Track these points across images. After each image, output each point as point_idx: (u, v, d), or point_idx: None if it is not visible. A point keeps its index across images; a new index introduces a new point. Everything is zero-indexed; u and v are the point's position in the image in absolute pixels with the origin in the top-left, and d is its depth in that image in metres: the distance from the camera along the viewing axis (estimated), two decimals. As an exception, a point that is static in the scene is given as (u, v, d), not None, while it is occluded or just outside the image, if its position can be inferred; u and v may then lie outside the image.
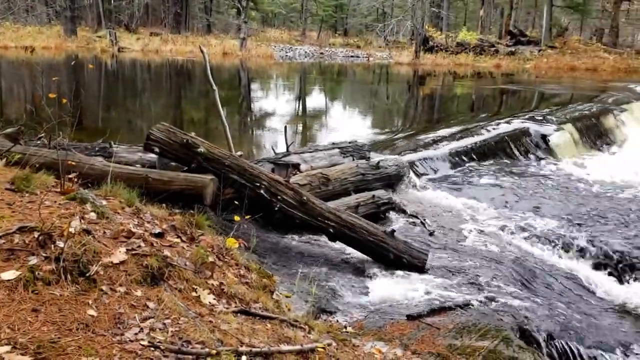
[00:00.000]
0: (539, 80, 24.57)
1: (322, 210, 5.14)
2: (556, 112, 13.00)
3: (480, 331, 4.09)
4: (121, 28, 38.19)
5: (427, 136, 10.29)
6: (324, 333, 3.34)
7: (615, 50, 32.63)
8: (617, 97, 16.01)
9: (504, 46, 33.56)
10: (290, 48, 35.51)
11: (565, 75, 26.52)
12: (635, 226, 6.93)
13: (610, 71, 28.04)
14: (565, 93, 19.45)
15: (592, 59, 30.21)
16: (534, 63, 30.17)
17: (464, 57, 31.56)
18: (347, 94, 21.85)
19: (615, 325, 4.86)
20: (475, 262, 5.60)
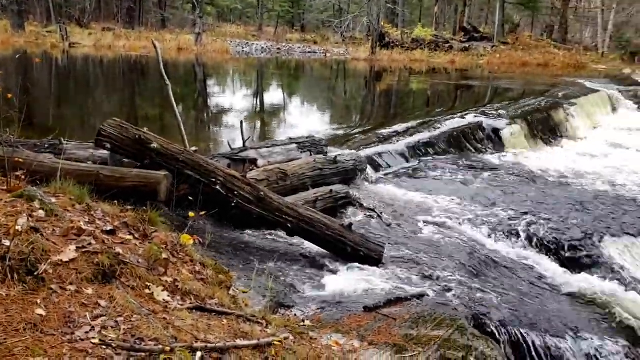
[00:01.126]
0: (493, 76, 25.12)
1: (279, 205, 5.13)
2: (508, 106, 13.32)
3: (436, 321, 4.16)
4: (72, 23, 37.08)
5: (384, 131, 10.38)
6: (282, 327, 3.33)
7: (564, 47, 33.64)
8: (567, 91, 16.53)
9: (458, 42, 34.15)
10: (247, 43, 35.21)
11: (517, 71, 27.18)
12: (583, 215, 7.16)
13: (561, 66, 28.89)
14: (517, 88, 19.94)
15: (543, 55, 31.07)
16: (487, 59, 30.82)
17: (420, 53, 31.97)
18: (305, 90, 21.85)
19: (565, 312, 5.02)
20: (431, 253, 5.69)
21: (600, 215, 7.25)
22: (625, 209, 7.63)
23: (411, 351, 3.59)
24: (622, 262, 6.04)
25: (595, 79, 21.68)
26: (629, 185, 8.88)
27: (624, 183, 8.96)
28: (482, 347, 3.93)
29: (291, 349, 2.96)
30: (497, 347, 4.12)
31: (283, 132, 11.56)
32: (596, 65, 29.26)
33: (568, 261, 6.03)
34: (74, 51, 28.05)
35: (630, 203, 7.92)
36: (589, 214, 7.27)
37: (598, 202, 7.86)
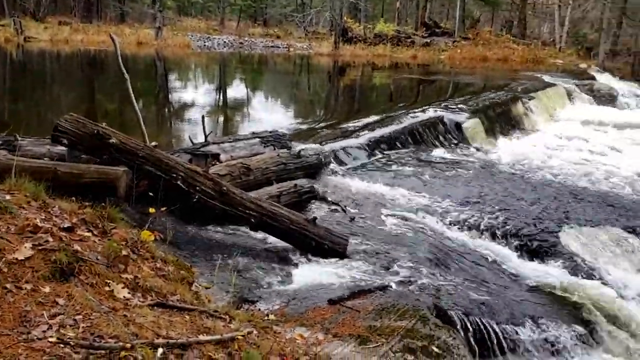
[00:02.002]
0: (454, 71, 25.45)
1: (242, 200, 5.09)
2: (469, 100, 13.52)
3: (399, 312, 4.20)
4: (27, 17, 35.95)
5: (348, 125, 10.43)
6: (245, 322, 3.32)
7: (523, 42, 34.27)
8: (525, 85, 16.85)
9: (419, 37, 34.46)
10: (209, 38, 34.76)
11: (478, 66, 27.60)
12: (541, 206, 7.35)
13: (520, 61, 29.43)
14: (478, 82, 20.26)
15: (503, 50, 31.58)
16: (448, 54, 31.19)
17: (382, 48, 32.13)
18: (269, 85, 21.75)
19: (525, 300, 5.14)
20: (394, 245, 5.75)
21: (558, 205, 7.45)
22: (581, 199, 7.86)
23: (375, 342, 3.63)
24: (578, 251, 6.21)
25: (553, 74, 22.16)
26: (585, 176, 9.14)
27: (580, 174, 9.21)
28: (444, 336, 4.00)
29: (255, 343, 2.95)
30: (458, 336, 4.19)
31: (247, 127, 11.50)
32: (554, 60, 29.90)
33: (527, 251, 6.17)
34: (30, 45, 27.23)
35: (586, 193, 8.16)
36: (547, 204, 7.46)
37: (555, 193, 8.07)
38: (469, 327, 4.45)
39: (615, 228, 6.79)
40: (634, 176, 9.36)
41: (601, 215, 7.20)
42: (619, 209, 7.57)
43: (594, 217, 7.10)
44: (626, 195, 8.27)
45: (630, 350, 4.83)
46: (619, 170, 9.66)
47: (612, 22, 30.56)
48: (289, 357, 2.96)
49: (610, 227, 6.80)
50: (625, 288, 5.65)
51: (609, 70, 25.92)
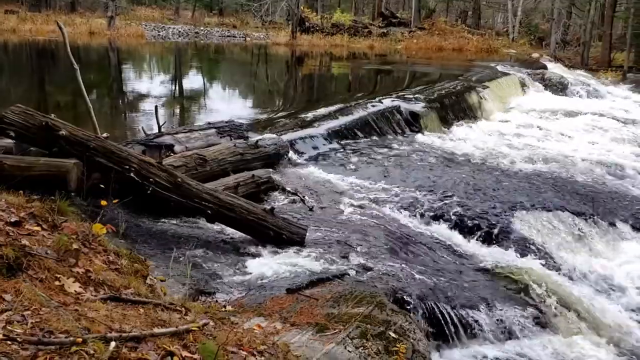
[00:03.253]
0: (410, 61, 25.70)
1: (198, 191, 5.03)
2: (425, 90, 13.67)
3: (356, 298, 4.24)
4: (-30, 5, 34.50)
5: (307, 115, 10.40)
6: (202, 314, 3.29)
7: (477, 32, 34.90)
8: (480, 75, 17.15)
9: (376, 27, 34.64)
10: (163, 27, 34.06)
11: (434, 56, 27.94)
12: (494, 192, 7.51)
13: (474, 51, 29.95)
14: (434, 72, 20.51)
15: (458, 40, 32.07)
16: (405, 44, 31.46)
17: (340, 38, 32.18)
18: (226, 75, 21.50)
19: (479, 284, 5.26)
20: (352, 234, 5.78)
21: (510, 191, 7.64)
22: (532, 184, 8.07)
23: (333, 329, 3.65)
24: (530, 235, 6.39)
25: (506, 63, 22.63)
26: (537, 162, 9.38)
27: (532, 160, 9.46)
28: (401, 321, 4.05)
29: (211, 335, 2.92)
30: (415, 321, 4.26)
31: (203, 118, 11.33)
32: (507, 49, 30.53)
33: (480, 236, 6.30)
34: (-26, 35, 26.16)
35: (537, 179, 8.38)
36: (500, 190, 7.64)
37: (508, 178, 8.27)
38: (425, 311, 4.54)
39: (566, 212, 7.00)
40: (584, 162, 9.67)
41: (552, 200, 7.41)
42: (569, 194, 7.81)
43: (545, 202, 7.30)
44: (576, 181, 8.54)
45: (580, 330, 5.00)
46: (570, 156, 9.96)
47: (563, 12, 31.36)
48: (246, 347, 2.95)
49: (561, 212, 7.01)
50: (575, 270, 5.84)
51: (559, 60, 26.66)
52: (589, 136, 12.15)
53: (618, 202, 7.77)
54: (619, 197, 8.01)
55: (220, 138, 7.09)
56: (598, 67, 25.76)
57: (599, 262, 6.19)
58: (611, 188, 8.44)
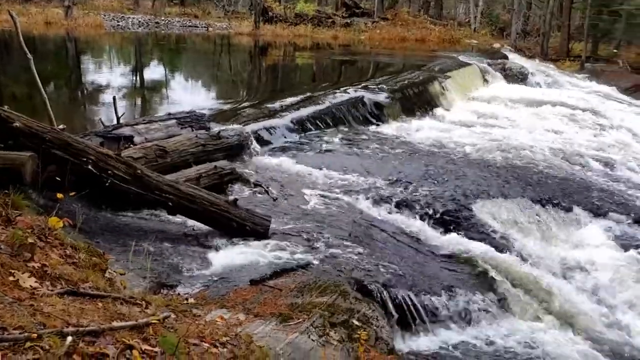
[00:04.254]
0: (374, 51, 25.77)
1: (158, 183, 4.95)
2: (389, 80, 13.73)
3: (320, 288, 4.26)
4: None
5: (271, 105, 10.33)
6: (163, 307, 3.25)
7: (440, 22, 35.18)
8: (442, 65, 17.30)
9: (340, 18, 34.58)
10: (123, 17, 33.24)
11: (397, 46, 28.06)
12: (456, 181, 7.61)
13: (437, 41, 30.17)
14: (397, 62, 20.62)
15: (421, 30, 32.26)
16: (368, 34, 31.51)
17: (303, 28, 32.02)
18: (188, 65, 21.17)
19: (441, 272, 5.35)
20: (317, 224, 5.79)
21: (472, 179, 7.75)
22: (494, 173, 8.22)
23: (296, 319, 3.66)
24: (490, 222, 6.51)
25: (468, 53, 22.90)
26: (498, 151, 9.54)
27: (493, 149, 9.61)
28: (364, 309, 4.10)
29: (172, 327, 2.90)
30: (378, 308, 4.31)
31: (165, 109, 11.12)
32: (469, 40, 30.87)
33: (442, 224, 6.39)
34: None
35: (498, 167, 8.55)
36: (462, 179, 7.75)
37: (470, 167, 8.39)
38: (388, 299, 4.58)
39: (525, 199, 7.16)
40: (543, 150, 9.89)
41: (512, 188, 7.56)
42: (528, 181, 7.98)
43: (505, 189, 7.45)
44: (534, 168, 8.72)
45: (539, 314, 5.13)
46: (529, 144, 10.16)
47: (523, 3, 31.88)
48: (208, 339, 2.93)
49: (520, 199, 7.16)
50: (534, 255, 5.98)
51: (520, 50, 27.13)
52: (548, 125, 12.40)
53: (575, 189, 7.98)
54: (576, 184, 8.23)
55: (181, 129, 6.98)
56: (557, 57, 26.29)
57: (557, 247, 6.37)
58: (569, 175, 8.66)
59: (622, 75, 21.51)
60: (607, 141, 11.32)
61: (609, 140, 11.47)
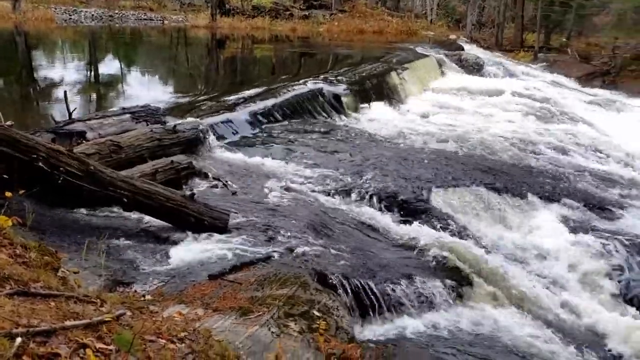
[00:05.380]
0: (333, 43, 25.79)
1: (113, 179, 4.85)
2: (348, 72, 13.77)
3: (281, 280, 4.25)
4: None
5: (229, 98, 10.23)
6: (118, 304, 3.20)
7: (397, 14, 35.46)
8: (400, 57, 17.45)
9: (298, 10, 34.49)
10: (75, 10, 32.34)
11: (355, 38, 28.16)
12: (413, 171, 7.72)
13: (394, 33, 30.40)
14: (356, 54, 20.68)
15: (378, 22, 32.45)
16: (326, 27, 31.53)
17: (261, 20, 31.81)
18: (144, 59, 20.78)
19: (400, 260, 5.41)
20: (277, 217, 5.78)
21: (429, 169, 7.87)
22: (450, 162, 8.36)
23: (256, 312, 3.64)
24: (447, 210, 6.62)
25: (425, 45, 23.15)
26: (455, 141, 9.70)
27: (450, 139, 9.76)
28: (325, 299, 4.11)
29: (128, 324, 2.85)
30: (338, 298, 4.33)
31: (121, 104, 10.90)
32: (426, 32, 31.20)
33: (401, 213, 6.47)
34: None
35: (454, 157, 8.70)
36: (420, 168, 7.86)
37: (427, 157, 8.51)
38: (349, 289, 4.61)
39: (480, 187, 7.30)
40: (499, 139, 10.10)
41: (468, 176, 7.70)
42: (484, 170, 8.14)
43: (461, 178, 7.58)
44: (490, 157, 8.92)
45: (495, 299, 5.24)
46: (485, 134, 10.37)
47: (478, -6, 32.39)
48: (165, 335, 2.89)
49: (476, 187, 7.30)
50: (490, 242, 6.11)
51: (475, 41, 27.58)
52: (503, 114, 12.68)
53: (529, 176, 8.19)
54: (530, 171, 8.45)
55: (136, 123, 6.84)
56: (511, 47, 26.85)
57: (511, 233, 6.52)
58: (523, 163, 8.88)
59: (573, 65, 22.14)
60: (560, 129, 11.64)
61: (561, 128, 11.81)
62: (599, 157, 9.97)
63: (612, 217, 7.26)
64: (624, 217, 7.27)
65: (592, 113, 15.13)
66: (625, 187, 8.46)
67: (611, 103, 17.44)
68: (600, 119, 14.30)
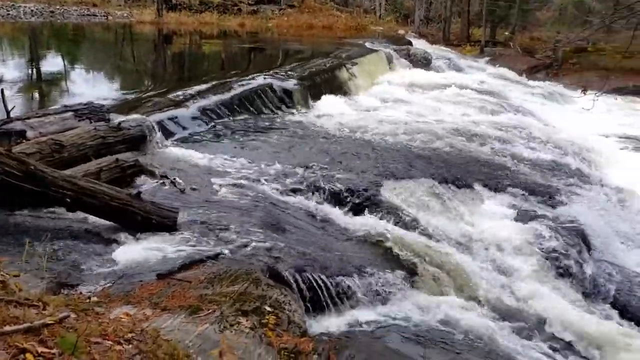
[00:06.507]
0: (282, 39, 25.70)
1: (55, 179, 4.68)
2: (298, 67, 13.74)
3: (232, 277, 4.21)
4: None
5: (177, 94, 10.01)
6: (62, 307, 3.10)
7: (346, 9, 35.67)
8: (349, 52, 17.53)
9: (246, 5, 34.22)
10: (13, 6, 31.11)
11: (305, 33, 28.16)
12: (365, 164, 7.78)
13: (343, 28, 30.57)
14: (305, 50, 20.67)
15: (328, 18, 32.58)
16: (276, 22, 31.42)
17: (209, 16, 31.42)
18: (88, 56, 20.18)
19: (352, 253, 5.45)
20: (227, 214, 5.72)
21: (380, 162, 7.95)
22: (400, 155, 8.47)
23: (206, 310, 3.60)
24: (397, 203, 6.70)
25: (374, 40, 23.34)
26: (404, 134, 9.81)
27: (400, 133, 9.87)
28: (276, 295, 4.09)
29: (72, 327, 2.77)
30: (290, 293, 4.32)
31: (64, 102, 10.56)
32: (375, 27, 31.51)
33: (352, 206, 6.51)
34: None
35: (404, 150, 8.81)
36: (370, 162, 7.93)
37: (378, 151, 8.60)
38: (301, 283, 4.61)
39: (429, 179, 7.42)
40: (447, 132, 10.29)
41: (417, 169, 7.82)
42: (432, 162, 8.29)
43: (411, 171, 7.69)
44: (438, 149, 9.08)
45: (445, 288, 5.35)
46: (434, 127, 10.54)
47: (425, -10, 32.89)
48: (112, 336, 2.83)
49: (425, 179, 7.42)
50: (439, 232, 6.22)
51: (423, 36, 28.05)
52: (450, 107, 12.92)
53: (476, 167, 8.38)
54: (477, 162, 8.64)
55: (79, 121, 6.62)
56: (458, 42, 27.41)
57: (460, 223, 6.66)
58: (470, 154, 9.08)
59: (517, 58, 22.79)
60: (506, 121, 11.95)
61: (506, 119, 12.13)
62: (542, 147, 10.29)
63: (555, 204, 7.51)
64: (566, 204, 7.54)
65: (535, 105, 15.62)
66: (567, 175, 8.78)
67: (554, 95, 18.07)
68: (543, 110, 14.80)
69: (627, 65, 18.00)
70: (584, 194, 8.10)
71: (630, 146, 12.27)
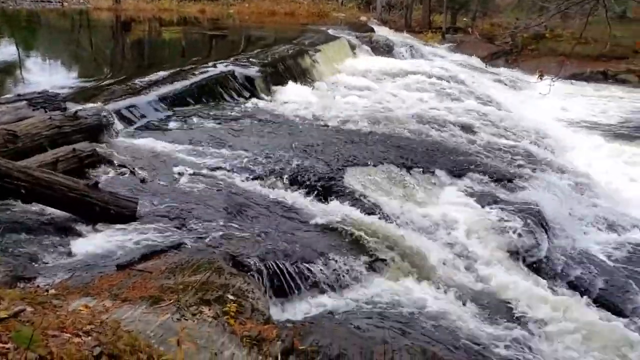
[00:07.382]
0: (244, 25, 25.42)
1: (8, 170, 4.55)
2: (260, 54, 13.62)
3: (194, 267, 4.18)
4: None
5: (136, 82, 9.82)
6: (18, 300, 3.02)
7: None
8: (312, 39, 17.45)
9: (207, -9, 33.64)
10: (-38, -9, 29.97)
11: (266, 20, 27.89)
12: (327, 151, 7.79)
13: (306, 15, 30.35)
14: (268, 36, 20.48)
15: (290, 4, 32.28)
16: (237, 8, 31.03)
17: (168, 2, 30.82)
18: (43, 43, 19.58)
19: (316, 240, 5.46)
20: (189, 203, 5.67)
21: (342, 149, 7.97)
22: (363, 142, 8.51)
23: (168, 300, 3.56)
24: (360, 189, 6.73)
25: (337, 27, 23.28)
26: (367, 121, 9.84)
27: (363, 119, 9.90)
28: (239, 283, 4.08)
29: (29, 320, 2.72)
30: (254, 281, 4.31)
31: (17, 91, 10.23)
32: (337, 13, 31.41)
33: (315, 194, 6.50)
34: None
35: (367, 136, 8.86)
36: (333, 149, 7.94)
37: (340, 137, 8.62)
38: (265, 271, 4.61)
39: (391, 165, 7.49)
40: (409, 118, 10.37)
41: (380, 155, 7.86)
42: (395, 148, 8.34)
43: (373, 157, 7.72)
44: (400, 136, 9.15)
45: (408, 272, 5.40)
46: (396, 113, 10.61)
47: (387, -24, 32.89)
48: (70, 328, 2.77)
49: (387, 165, 7.48)
50: (400, 218, 6.28)
51: (386, 23, 28.08)
52: (412, 94, 13.00)
53: (437, 153, 8.48)
54: (438, 148, 8.74)
55: (33, 111, 6.43)
56: (420, 29, 27.51)
57: (421, 208, 6.75)
58: (431, 140, 9.18)
59: (478, 45, 23.03)
60: (466, 107, 12.10)
61: (467, 105, 12.28)
62: (501, 133, 10.48)
63: (514, 189, 7.67)
64: (525, 189, 7.70)
65: (495, 91, 15.86)
66: (525, 160, 8.96)
67: (513, 81, 18.38)
68: (502, 96, 15.04)
69: (584, 52, 18.43)
70: (542, 177, 8.28)
71: (586, 131, 12.62)
